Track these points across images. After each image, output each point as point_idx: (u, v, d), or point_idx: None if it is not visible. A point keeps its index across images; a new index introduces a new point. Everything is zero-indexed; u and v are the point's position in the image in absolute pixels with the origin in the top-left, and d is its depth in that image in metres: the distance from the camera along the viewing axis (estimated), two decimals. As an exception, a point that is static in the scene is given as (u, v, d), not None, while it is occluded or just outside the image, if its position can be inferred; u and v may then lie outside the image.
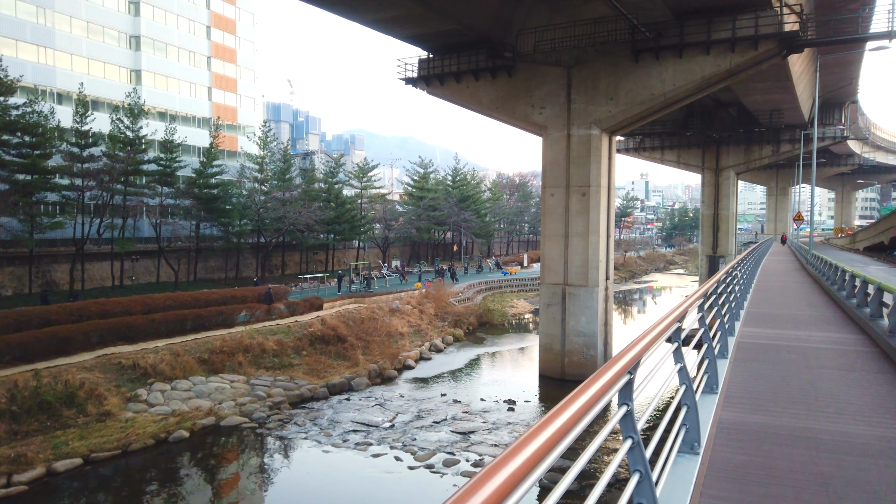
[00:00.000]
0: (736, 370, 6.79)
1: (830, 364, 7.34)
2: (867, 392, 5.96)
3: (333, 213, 53.31)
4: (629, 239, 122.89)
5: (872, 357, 7.69)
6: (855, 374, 6.79)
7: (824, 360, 7.52)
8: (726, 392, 5.81)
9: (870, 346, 8.41)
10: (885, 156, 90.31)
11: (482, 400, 24.75)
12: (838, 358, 7.67)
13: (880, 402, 5.61)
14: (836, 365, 7.28)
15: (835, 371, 6.90)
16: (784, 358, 7.58)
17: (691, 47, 25.03)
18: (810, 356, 7.72)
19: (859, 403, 5.54)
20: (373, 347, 30.87)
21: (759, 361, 7.34)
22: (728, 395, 5.74)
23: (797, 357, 7.63)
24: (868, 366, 7.23)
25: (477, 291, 51.79)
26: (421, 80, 31.19)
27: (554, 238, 28.77)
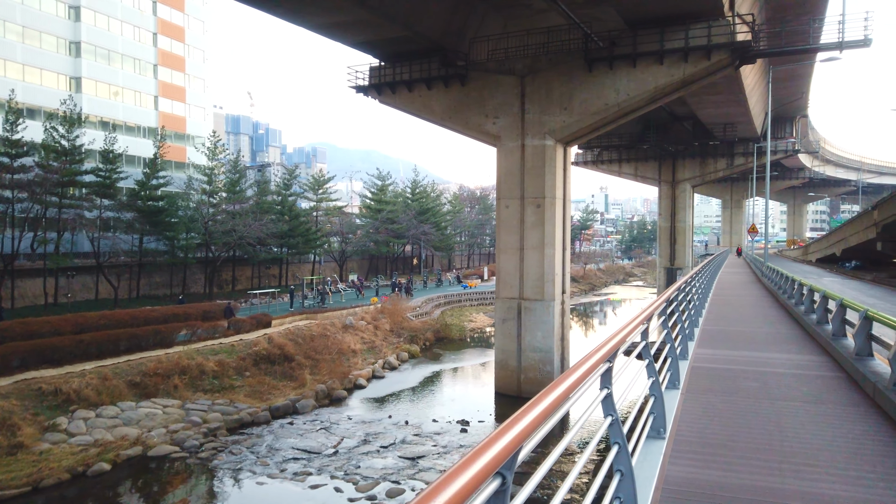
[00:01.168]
0: (688, 405, 5.88)
1: (795, 395, 6.54)
2: (840, 433, 5.11)
3: (287, 227, 51.67)
4: (589, 251, 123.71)
5: (839, 384, 6.94)
6: (823, 407, 5.96)
7: (787, 390, 6.73)
8: (676, 436, 4.88)
9: (835, 369, 7.70)
10: (834, 169, 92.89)
11: (434, 421, 23.61)
12: (802, 386, 6.89)
13: (857, 447, 4.75)
14: (802, 396, 6.49)
15: (800, 405, 6.05)
16: (743, 387, 6.73)
17: (644, 57, 24.64)
18: (772, 384, 6.92)
19: (832, 450, 4.67)
20: (322, 366, 29.45)
21: (714, 392, 6.46)
22: (678, 440, 4.81)
23: (757, 386, 6.79)
24: (837, 396, 6.46)
25: (435, 305, 50.68)
26: (372, 88, 30.18)
27: (509, 251, 27.95)
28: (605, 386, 3.17)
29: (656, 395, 4.57)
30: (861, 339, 7.02)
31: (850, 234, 37.85)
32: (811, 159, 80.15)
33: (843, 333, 8.66)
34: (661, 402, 4.59)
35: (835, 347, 8.26)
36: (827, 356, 8.57)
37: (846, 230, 39.90)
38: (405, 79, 29.12)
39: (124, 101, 50.79)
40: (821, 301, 10.25)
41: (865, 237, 33.02)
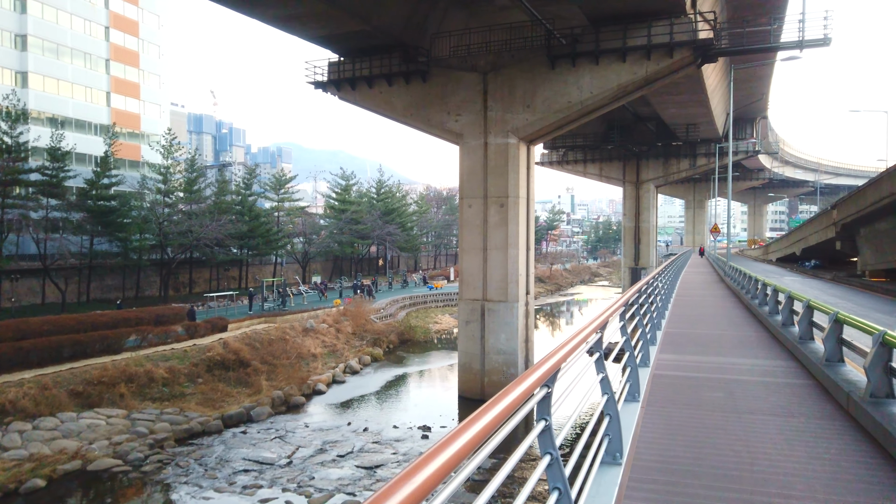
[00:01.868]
0: (649, 421, 5.31)
1: (764, 406, 6.02)
2: (815, 453, 4.58)
3: (246, 227, 50.25)
4: (555, 252, 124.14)
5: (810, 394, 6.47)
6: (795, 421, 5.44)
7: (756, 401, 6.21)
8: (634, 461, 4.29)
9: (803, 376, 7.26)
10: (792, 170, 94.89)
11: (395, 427, 22.87)
12: (771, 396, 6.39)
13: (835, 471, 4.21)
14: (771, 408, 5.97)
15: (770, 419, 5.52)
16: (708, 399, 6.19)
17: (607, 54, 24.32)
18: (739, 395, 6.41)
19: (808, 476, 4.12)
20: (279, 372, 28.44)
21: (678, 405, 5.91)
22: (637, 465, 4.22)
23: (723, 397, 6.26)
24: (808, 408, 5.97)
25: (400, 307, 49.89)
26: (331, 84, 29.30)
27: (472, 251, 27.38)
28: (542, 416, 2.54)
29: (612, 414, 3.97)
30: (831, 344, 6.56)
31: (809, 234, 38.33)
32: (771, 160, 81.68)
33: (811, 337, 8.25)
34: (617, 422, 3.99)
35: (802, 352, 7.83)
36: (794, 361, 8.17)
37: (806, 230, 40.42)
38: (365, 75, 28.34)
39: (74, 97, 48.75)
40: (786, 302, 9.86)
41: (825, 236, 33.39)
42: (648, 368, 7.09)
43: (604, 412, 3.96)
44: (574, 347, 3.10)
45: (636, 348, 6.94)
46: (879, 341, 4.92)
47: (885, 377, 5.05)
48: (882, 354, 4.97)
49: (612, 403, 3.97)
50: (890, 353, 4.96)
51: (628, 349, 5.58)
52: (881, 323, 6.57)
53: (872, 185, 24.23)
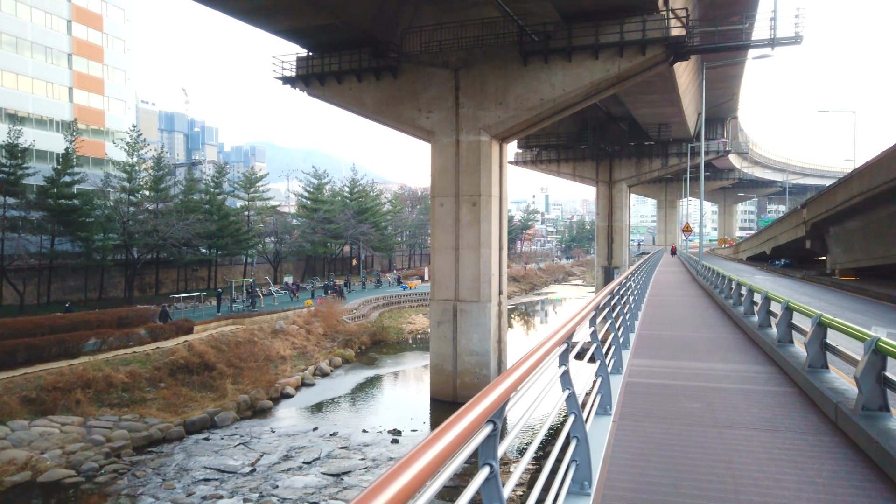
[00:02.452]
0: (622, 438, 4.87)
1: (745, 419, 5.58)
2: (806, 477, 4.15)
3: (215, 227, 49.09)
4: (530, 251, 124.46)
5: (794, 403, 6.08)
6: (780, 437, 5.02)
7: (736, 412, 5.77)
8: (605, 489, 3.83)
9: (785, 383, 6.89)
10: (762, 171, 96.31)
11: (364, 431, 22.28)
12: (752, 406, 5.97)
13: (829, 498, 3.79)
14: (753, 420, 5.54)
15: (753, 434, 5.11)
16: (685, 410, 5.77)
17: (580, 51, 24.04)
18: (717, 405, 6.00)
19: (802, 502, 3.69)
20: (246, 375, 27.62)
21: (653, 418, 5.48)
22: (608, 494, 3.76)
23: (702, 407, 5.85)
24: (794, 420, 5.54)
25: (373, 307, 49.23)
26: (299, 79, 28.58)
27: (444, 251, 26.90)
28: (486, 461, 2.05)
29: (579, 436, 3.51)
30: (815, 349, 6.19)
31: (780, 233, 38.64)
32: (741, 160, 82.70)
33: (790, 339, 7.92)
34: (586, 445, 3.53)
35: (782, 356, 7.48)
36: (774, 366, 7.82)
37: (776, 228, 40.76)
38: (334, 70, 27.68)
39: (34, 93, 47.08)
40: (763, 303, 9.54)
41: (795, 235, 33.62)
42: (621, 376, 6.67)
43: (570, 434, 3.50)
44: (531, 368, 2.63)
45: (608, 354, 6.52)
46: (872, 348, 4.53)
47: (878, 388, 4.65)
48: (875, 363, 4.58)
49: (580, 425, 3.51)
50: (884, 362, 4.57)
51: (599, 357, 5.13)
52: (857, 323, 6.25)
53: (843, 184, 24.34)
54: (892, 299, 18.95)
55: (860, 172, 21.68)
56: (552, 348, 3.12)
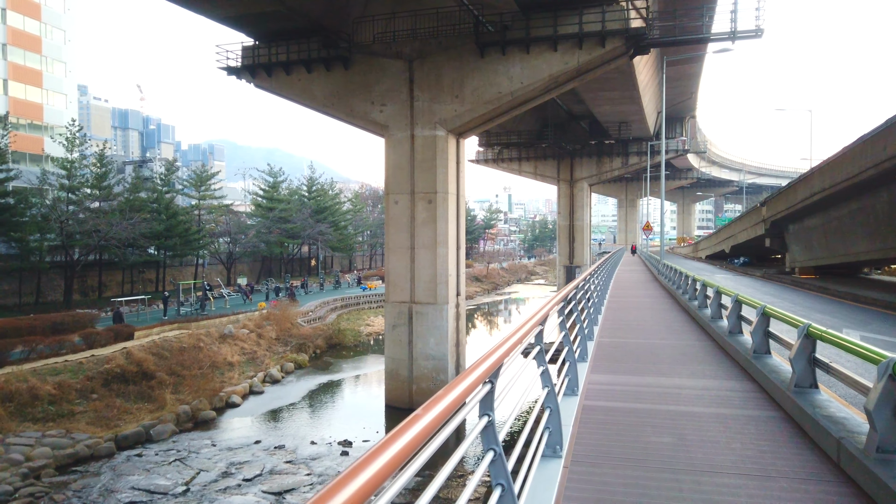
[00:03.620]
0: (573, 492, 3.76)
1: (727, 461, 4.45)
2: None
3: (162, 226, 46.84)
4: (493, 251, 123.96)
5: (781, 433, 5.04)
6: (775, 487, 3.94)
7: (715, 451, 4.67)
8: None
9: (767, 405, 5.91)
10: (719, 170, 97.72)
11: (312, 443, 20.94)
12: (733, 440, 4.89)
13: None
14: (737, 462, 4.41)
15: (739, 482, 4.02)
16: (653, 448, 4.72)
17: (538, 42, 23.15)
18: (691, 439, 4.91)
19: None
20: (188, 384, 25.95)
21: (612, 460, 4.39)
22: None
23: (672, 443, 4.79)
24: (786, 462, 4.42)
25: (331, 309, 47.72)
26: (245, 70, 27.04)
27: (399, 251, 25.73)
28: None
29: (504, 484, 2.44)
30: (802, 366, 5.23)
31: (739, 231, 38.56)
32: (699, 160, 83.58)
33: (767, 350, 7.03)
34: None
35: (760, 371, 6.54)
36: (751, 382, 6.89)
37: (735, 227, 40.73)
38: (282, 60, 26.25)
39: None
40: (733, 307, 8.64)
41: (754, 233, 33.45)
42: (576, 398, 5.61)
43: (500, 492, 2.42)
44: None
45: (561, 372, 5.47)
46: (888, 372, 3.56)
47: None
48: (892, 390, 3.61)
49: (509, 498, 2.43)
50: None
51: (548, 385, 4.06)
52: (827, 326, 5.34)
53: (803, 181, 24.01)
54: (856, 298, 18.54)
55: (821, 169, 21.31)
56: (467, 392, 2.06)
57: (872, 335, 11.46)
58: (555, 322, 5.87)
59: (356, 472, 1.40)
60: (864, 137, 17.29)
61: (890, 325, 13.35)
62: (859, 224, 20.26)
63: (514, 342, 3.27)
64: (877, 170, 16.47)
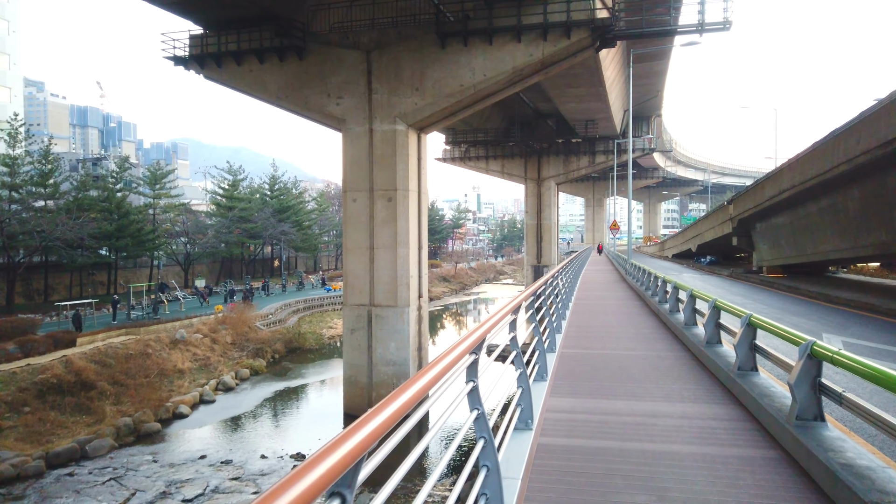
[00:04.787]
0: None
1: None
2: None
3: (113, 226, 44.68)
4: (461, 250, 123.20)
5: (788, 483, 3.97)
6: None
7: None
8: None
9: (763, 441, 4.79)
10: (684, 170, 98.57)
11: (262, 457, 19.61)
12: (727, 499, 3.73)
13: None
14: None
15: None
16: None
17: (501, 33, 22.17)
18: (673, 496, 3.77)
19: None
20: (132, 394, 24.32)
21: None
22: None
23: (649, 503, 3.81)
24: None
25: (293, 311, 46.14)
26: (193, 60, 25.50)
27: (357, 251, 24.51)
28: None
29: None
30: (804, 392, 4.25)
31: (705, 230, 38.25)
32: (664, 159, 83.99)
33: (753, 366, 6.07)
34: None
35: (748, 393, 5.51)
36: (738, 407, 5.86)
37: (702, 225, 40.45)
38: (232, 50, 24.81)
39: None
40: (711, 314, 7.65)
41: (722, 232, 33.07)
42: (530, 434, 4.53)
43: None
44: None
45: (511, 403, 4.41)
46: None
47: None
48: None
49: None
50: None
51: (483, 434, 2.98)
52: (803, 330, 4.38)
53: (771, 178, 23.51)
54: (828, 299, 17.98)
55: (790, 165, 20.77)
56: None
57: (854, 340, 10.72)
58: (505, 336, 4.82)
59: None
60: (835, 132, 16.71)
61: (869, 329, 12.69)
62: (829, 222, 19.77)
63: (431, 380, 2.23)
64: (849, 165, 15.89)
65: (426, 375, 2.33)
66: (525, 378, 4.61)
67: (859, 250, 18.35)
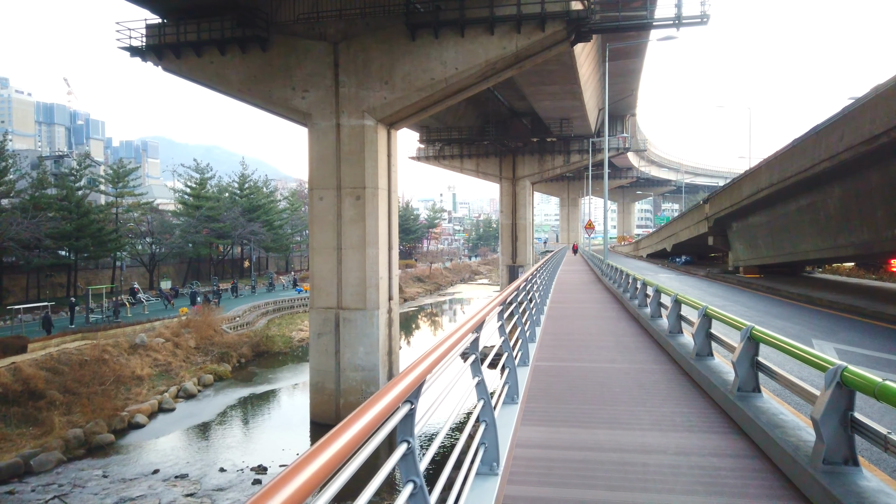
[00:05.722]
0: None
1: None
2: None
3: (72, 226, 42.87)
4: (436, 250, 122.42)
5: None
6: None
7: None
8: None
9: (782, 490, 3.88)
10: (658, 170, 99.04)
11: (221, 471, 18.49)
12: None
13: None
14: None
15: None
16: None
17: (474, 25, 21.36)
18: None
19: None
20: (84, 403, 22.96)
21: None
22: None
23: None
24: None
25: (262, 314, 44.78)
26: (151, 51, 24.24)
27: (324, 252, 23.48)
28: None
29: None
30: (833, 430, 3.41)
31: (681, 229, 37.91)
32: (638, 159, 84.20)
33: (755, 387, 5.21)
34: None
35: (755, 423, 4.67)
36: (743, 439, 4.88)
37: (677, 225, 40.13)
38: (192, 40, 23.61)
39: None
40: (701, 323, 6.84)
41: (697, 231, 32.68)
42: (496, 479, 3.65)
43: None
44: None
45: (474, 441, 3.55)
46: None
47: None
48: None
49: None
50: None
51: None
52: (791, 335, 3.58)
53: (749, 176, 23.05)
54: (810, 300, 17.48)
55: (769, 163, 20.29)
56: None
57: (848, 347, 10.09)
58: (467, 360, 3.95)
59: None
60: (817, 128, 16.20)
61: (860, 334, 12.09)
62: (809, 221, 19.31)
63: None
64: (831, 162, 15.37)
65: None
66: (489, 410, 3.75)
67: (839, 250, 17.91)
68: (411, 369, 2.49)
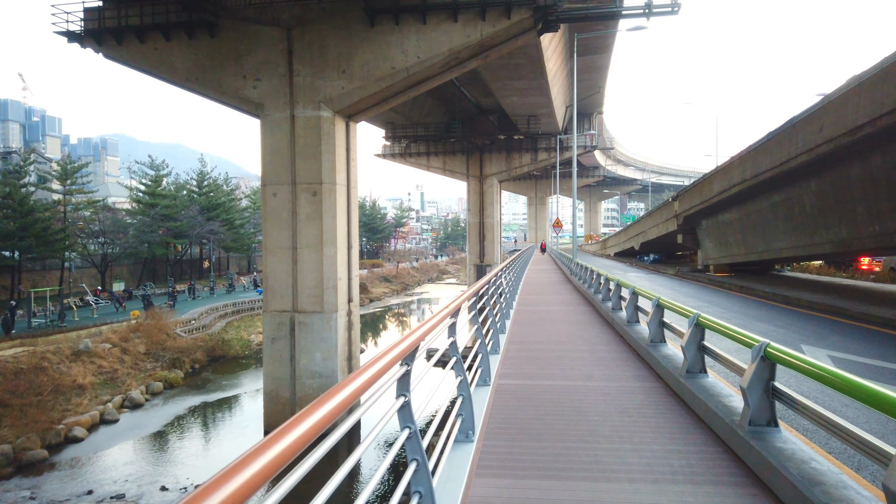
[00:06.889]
0: None
1: None
2: None
3: (15, 225, 40.46)
4: (403, 249, 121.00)
5: None
6: None
7: None
8: None
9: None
10: (624, 169, 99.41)
11: (164, 489, 17.01)
12: None
13: None
14: None
15: None
16: None
17: (436, 11, 20.24)
18: None
19: None
20: (16, 416, 21.16)
21: None
22: None
23: None
24: None
25: (220, 316, 42.99)
26: (90, 36, 22.51)
27: (279, 251, 22.09)
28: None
29: None
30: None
31: (649, 227, 37.39)
32: (605, 158, 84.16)
33: (772, 420, 4.06)
34: None
35: (781, 474, 3.53)
36: (764, 493, 3.70)
37: (646, 223, 39.64)
38: (134, 24, 21.96)
39: None
40: (692, 334, 5.77)
41: (666, 229, 32.12)
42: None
43: None
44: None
45: None
46: None
47: None
48: None
49: None
50: None
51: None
52: (777, 340, 2.65)
53: (720, 172, 22.40)
54: (786, 300, 16.78)
55: (741, 158, 19.62)
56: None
57: (842, 355, 9.25)
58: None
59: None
60: (793, 120, 15.49)
61: (850, 339, 11.30)
62: (783, 218, 18.67)
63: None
64: (809, 156, 14.66)
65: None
66: (426, 475, 2.61)
67: (815, 248, 17.27)
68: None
